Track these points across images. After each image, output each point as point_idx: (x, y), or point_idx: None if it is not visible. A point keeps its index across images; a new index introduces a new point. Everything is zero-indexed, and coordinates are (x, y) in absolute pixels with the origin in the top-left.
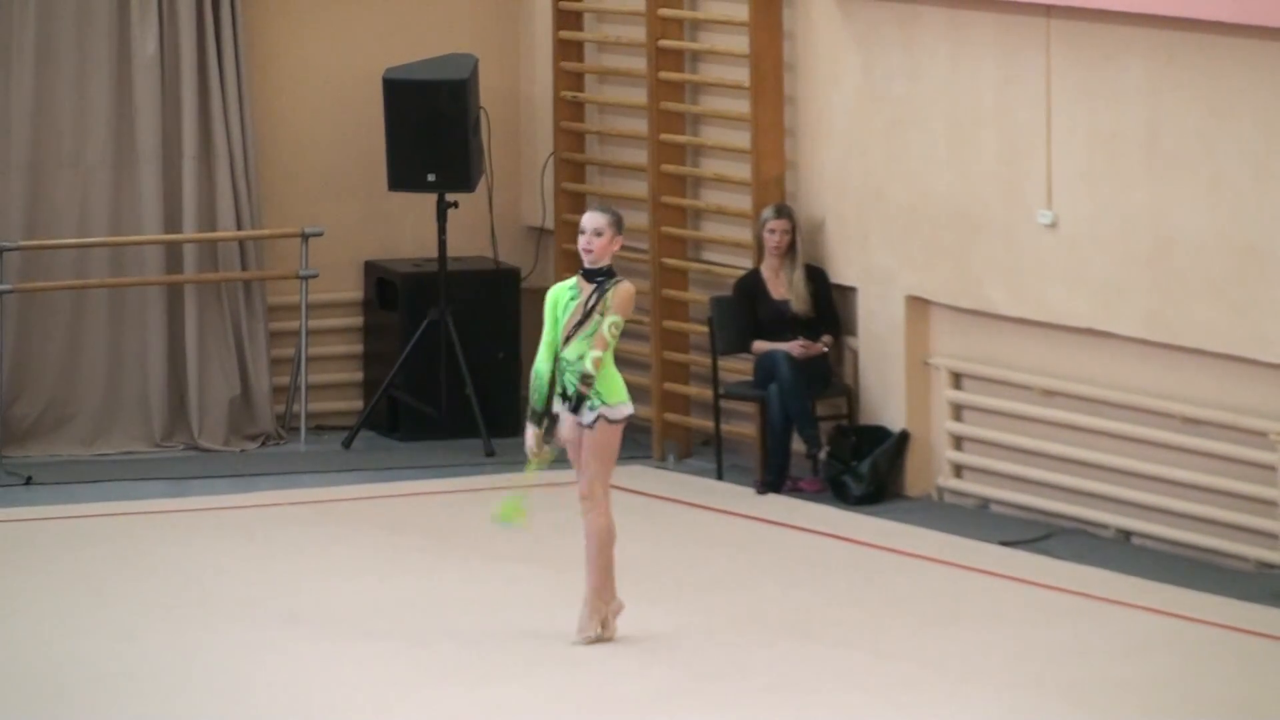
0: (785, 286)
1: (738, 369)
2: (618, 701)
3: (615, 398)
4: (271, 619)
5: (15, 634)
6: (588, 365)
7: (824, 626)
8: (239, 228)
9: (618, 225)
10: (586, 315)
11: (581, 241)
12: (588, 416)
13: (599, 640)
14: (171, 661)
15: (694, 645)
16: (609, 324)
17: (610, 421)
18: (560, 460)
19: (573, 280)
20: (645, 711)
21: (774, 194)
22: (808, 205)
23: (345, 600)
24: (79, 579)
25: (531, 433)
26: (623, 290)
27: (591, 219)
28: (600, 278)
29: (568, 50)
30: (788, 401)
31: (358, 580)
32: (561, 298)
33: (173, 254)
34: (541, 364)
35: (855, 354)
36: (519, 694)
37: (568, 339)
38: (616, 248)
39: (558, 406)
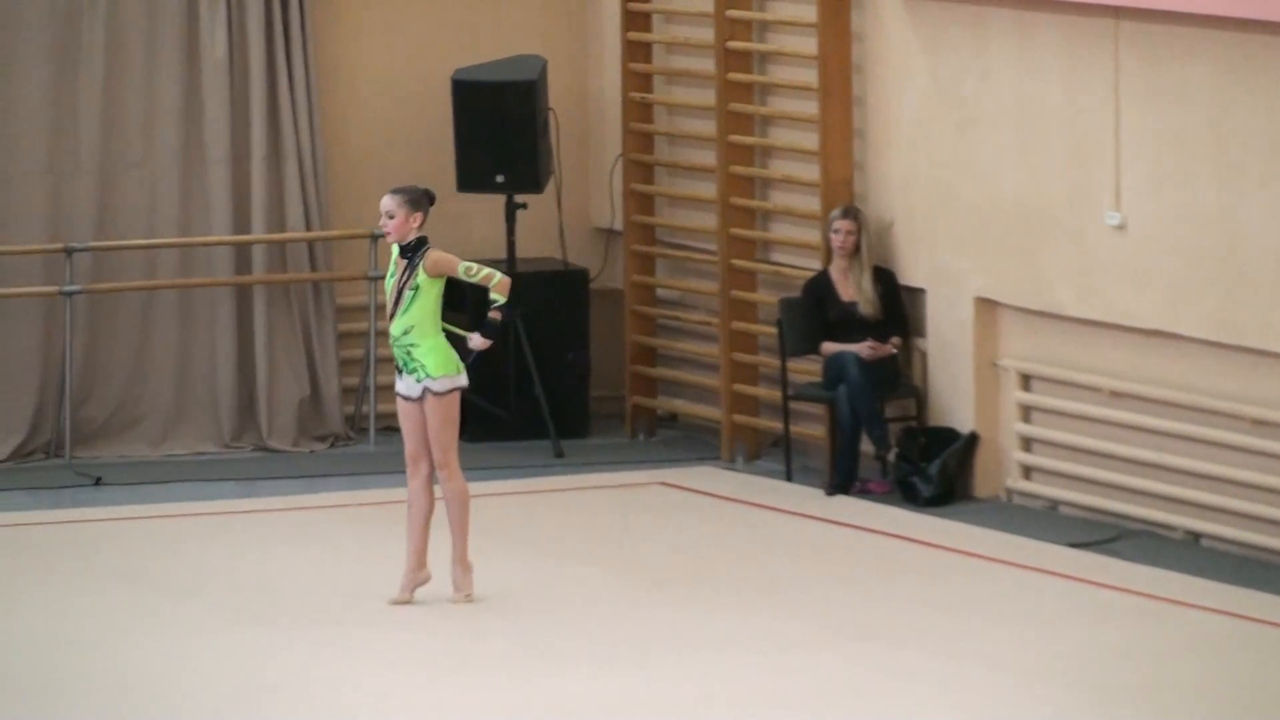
0: (854, 288)
1: (806, 370)
2: (686, 701)
3: (440, 370)
4: (339, 620)
5: (84, 634)
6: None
7: (892, 628)
8: (308, 228)
9: (412, 204)
10: (400, 294)
11: (380, 223)
12: (415, 390)
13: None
14: (239, 662)
15: (762, 647)
16: (466, 268)
17: (437, 395)
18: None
19: (396, 250)
20: (714, 712)
21: (842, 195)
22: (876, 207)
23: (414, 600)
24: (148, 579)
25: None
26: (430, 257)
27: (383, 202)
28: (411, 253)
29: (636, 51)
30: (856, 403)
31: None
32: (390, 268)
33: (241, 255)
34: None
35: (924, 355)
36: (583, 693)
37: (392, 316)
38: (415, 224)
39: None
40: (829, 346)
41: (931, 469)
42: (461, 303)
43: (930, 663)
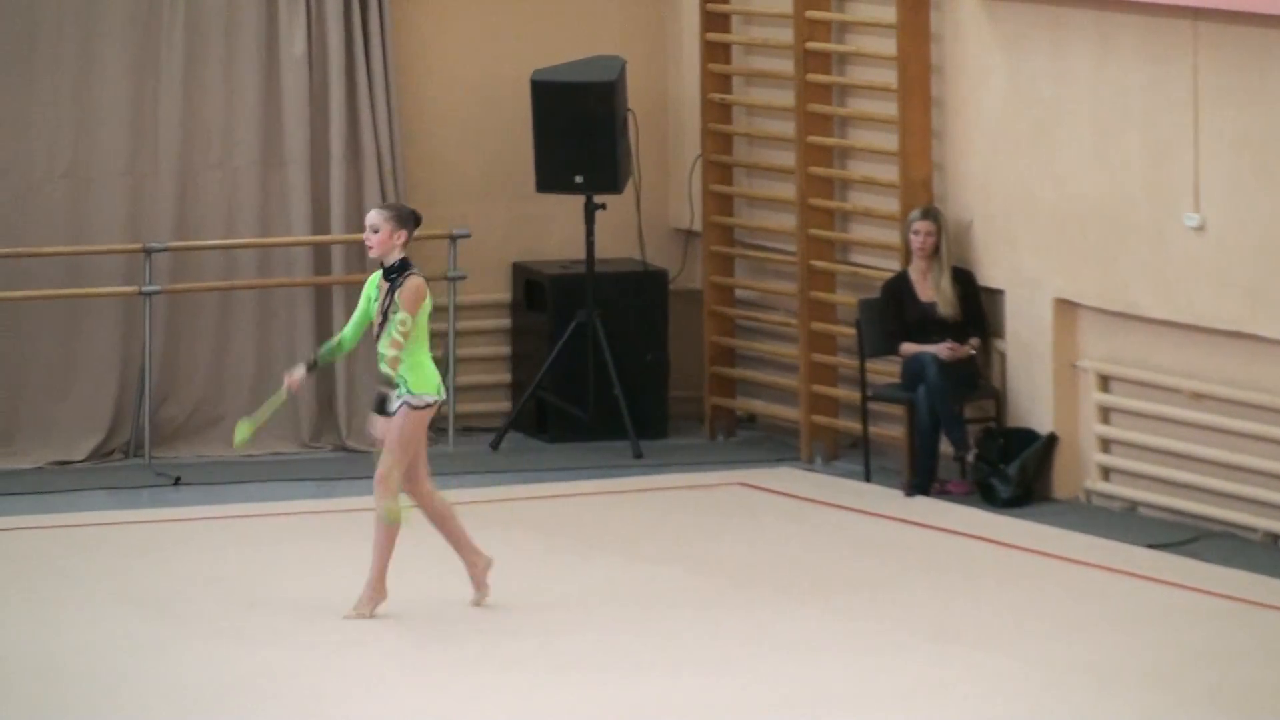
0: (933, 289)
1: (885, 371)
2: (765, 703)
3: (420, 388)
4: (418, 620)
5: (162, 634)
6: (384, 367)
7: (970, 629)
8: None
9: (397, 220)
10: (384, 316)
11: (364, 237)
12: (394, 405)
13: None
14: (319, 663)
15: (841, 647)
16: (397, 323)
17: (413, 408)
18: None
19: (376, 276)
20: (794, 713)
21: (921, 196)
22: (955, 208)
23: (492, 601)
24: (227, 580)
25: (299, 374)
26: (408, 286)
27: (369, 216)
28: (394, 275)
29: (715, 52)
30: (935, 404)
31: (505, 582)
32: (371, 290)
33: (320, 255)
34: (346, 333)
35: (1003, 356)
36: (662, 693)
37: (377, 336)
38: (399, 241)
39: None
40: (908, 347)
41: (1010, 470)
42: (541, 304)
43: (1008, 664)
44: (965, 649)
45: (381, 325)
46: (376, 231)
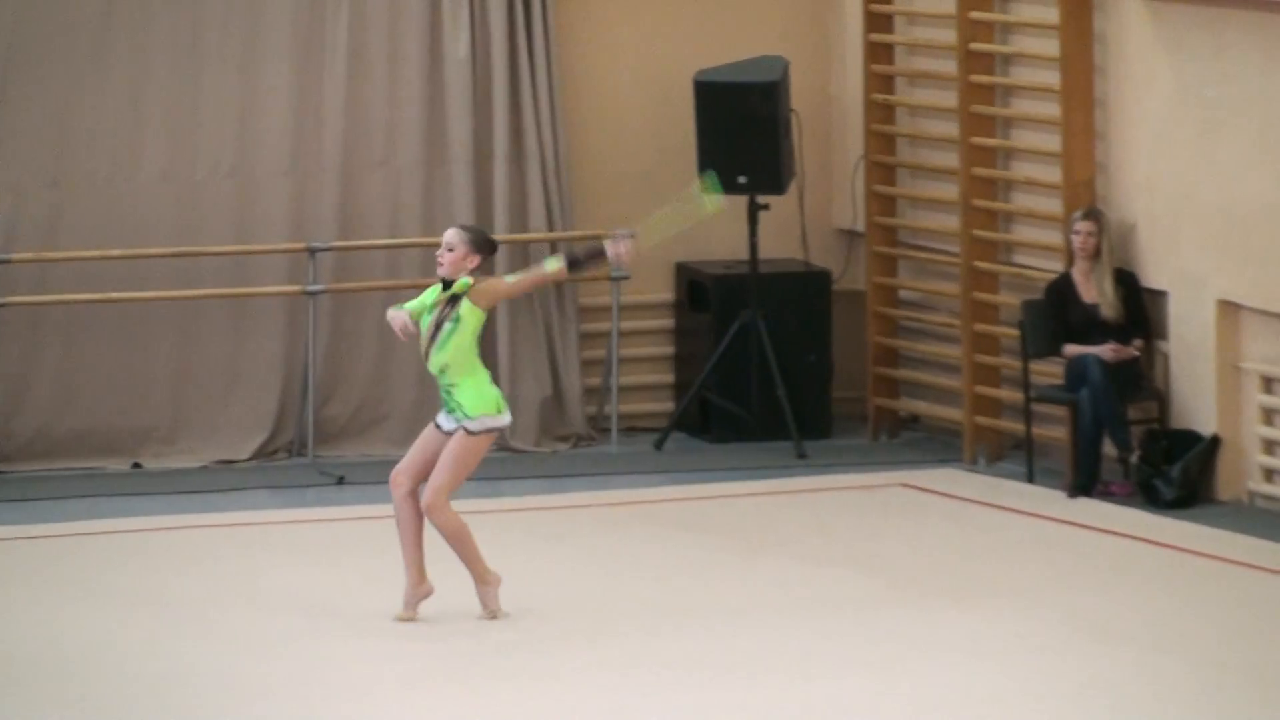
0: (1096, 290)
1: (1049, 372)
2: (929, 703)
3: (478, 410)
4: (582, 620)
5: (327, 628)
6: (551, 267)
7: (1132, 630)
8: (550, 229)
9: (473, 244)
10: (437, 328)
11: (438, 253)
12: (449, 424)
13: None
14: (475, 662)
15: (1002, 648)
16: (510, 280)
17: (469, 433)
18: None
19: (437, 287)
20: (958, 713)
21: (1084, 197)
22: (1118, 209)
23: (656, 601)
24: (389, 579)
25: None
26: (475, 288)
27: (447, 235)
28: (456, 295)
29: (878, 53)
30: (1099, 405)
31: (669, 582)
32: (427, 300)
33: None
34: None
35: (1166, 358)
36: (829, 693)
37: (427, 353)
38: (471, 265)
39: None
40: (1071, 349)
41: (1173, 471)
42: (705, 304)
43: (1172, 665)
44: (1128, 650)
45: (433, 338)
46: (451, 250)
